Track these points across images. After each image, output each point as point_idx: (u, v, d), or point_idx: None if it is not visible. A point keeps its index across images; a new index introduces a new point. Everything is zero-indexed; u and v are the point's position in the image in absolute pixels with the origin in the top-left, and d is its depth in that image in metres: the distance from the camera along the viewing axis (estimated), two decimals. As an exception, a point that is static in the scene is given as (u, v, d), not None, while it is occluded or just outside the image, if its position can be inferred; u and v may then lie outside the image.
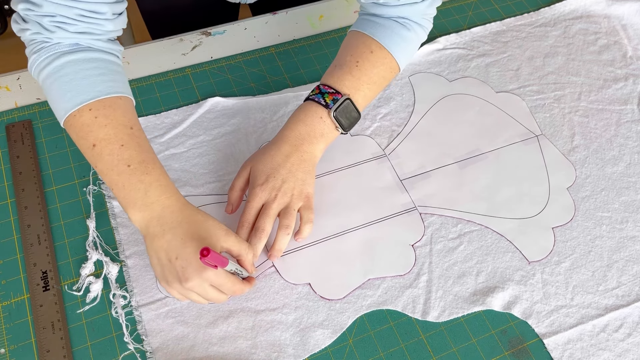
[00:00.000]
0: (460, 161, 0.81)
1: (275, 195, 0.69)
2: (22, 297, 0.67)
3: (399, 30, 0.76)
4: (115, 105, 0.64)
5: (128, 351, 0.64)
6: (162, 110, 0.84)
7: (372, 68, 0.75)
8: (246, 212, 0.69)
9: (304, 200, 0.71)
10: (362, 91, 0.75)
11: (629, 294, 0.71)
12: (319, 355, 0.66)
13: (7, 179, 0.76)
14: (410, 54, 0.79)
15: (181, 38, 0.93)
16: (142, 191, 0.61)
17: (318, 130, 0.73)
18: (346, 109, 0.73)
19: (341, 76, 0.74)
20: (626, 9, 1.01)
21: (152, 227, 0.61)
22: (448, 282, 0.71)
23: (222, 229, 0.63)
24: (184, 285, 0.60)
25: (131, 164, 0.62)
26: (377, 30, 0.76)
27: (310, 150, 0.73)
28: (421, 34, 0.79)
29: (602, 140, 0.85)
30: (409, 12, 0.76)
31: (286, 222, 0.69)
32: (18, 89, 0.85)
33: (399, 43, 0.76)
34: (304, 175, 0.71)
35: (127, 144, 0.62)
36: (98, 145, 0.62)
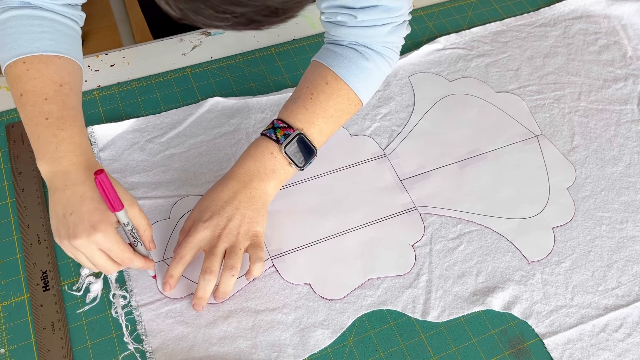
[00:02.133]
0: (460, 161, 0.81)
1: (219, 234, 0.66)
2: (22, 297, 0.67)
3: (356, 60, 0.72)
4: (49, 62, 0.65)
5: (128, 351, 0.64)
6: (162, 110, 0.84)
7: (328, 100, 0.71)
8: (183, 245, 0.66)
9: (252, 239, 0.68)
10: (317, 125, 0.71)
11: (628, 294, 0.71)
12: (319, 355, 0.66)
13: (7, 179, 0.76)
14: (371, 86, 0.75)
15: (181, 38, 0.93)
16: (54, 145, 0.62)
17: (269, 167, 0.69)
18: (299, 145, 0.70)
19: (295, 110, 0.71)
20: (626, 9, 1.01)
21: (56, 181, 0.61)
22: (448, 282, 0.71)
23: (127, 199, 0.62)
24: (72, 243, 0.59)
25: (49, 117, 0.62)
26: (335, 60, 0.72)
27: (260, 187, 0.69)
28: (382, 65, 0.74)
29: (602, 140, 0.85)
30: (368, 36, 0.72)
31: (231, 262, 0.65)
32: (18, 89, 0.85)
33: (357, 73, 0.72)
34: (252, 213, 0.68)
35: (50, 99, 0.63)
36: (24, 95, 0.64)
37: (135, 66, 0.89)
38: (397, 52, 0.76)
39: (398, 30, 0.73)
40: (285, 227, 0.74)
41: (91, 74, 0.87)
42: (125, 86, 0.86)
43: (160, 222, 0.73)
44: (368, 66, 0.73)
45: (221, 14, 0.42)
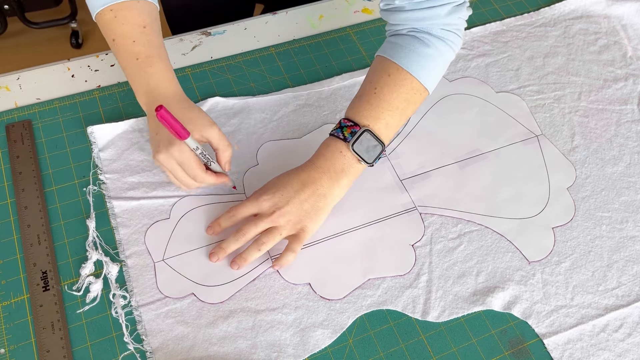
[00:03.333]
0: (460, 161, 0.81)
1: (273, 211, 0.69)
2: (22, 297, 0.67)
3: (416, 48, 0.72)
4: (131, 7, 0.72)
5: (128, 351, 0.64)
6: (162, 110, 0.84)
7: (391, 93, 0.71)
8: (238, 206, 0.71)
9: (298, 231, 0.70)
10: (383, 119, 0.71)
11: (629, 294, 0.71)
12: (319, 355, 0.66)
13: (7, 179, 0.76)
14: (435, 72, 0.73)
15: (181, 38, 0.93)
16: (146, 80, 0.72)
17: (339, 165, 0.71)
18: (366, 141, 0.70)
19: (360, 107, 0.72)
20: (626, 9, 1.01)
21: (150, 107, 0.72)
22: (448, 282, 0.71)
23: (208, 120, 0.71)
24: (156, 157, 0.69)
25: (139, 57, 0.72)
26: (395, 51, 0.72)
27: (328, 186, 0.71)
28: (444, 50, 0.73)
29: (602, 140, 0.85)
30: (427, 19, 0.71)
31: (264, 239, 0.69)
32: (18, 89, 0.85)
33: (418, 61, 0.71)
34: (311, 208, 0.70)
35: (138, 40, 0.72)
36: (116, 40, 0.73)
37: (135, 66, 0.89)
38: (459, 35, 0.74)
39: (457, 11, 0.71)
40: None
41: (91, 74, 0.87)
42: (125, 86, 0.86)
43: (160, 222, 0.73)
44: (429, 52, 0.72)
45: None
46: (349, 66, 0.91)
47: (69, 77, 0.87)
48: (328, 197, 0.71)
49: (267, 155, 0.80)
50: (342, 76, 0.89)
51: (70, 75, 0.87)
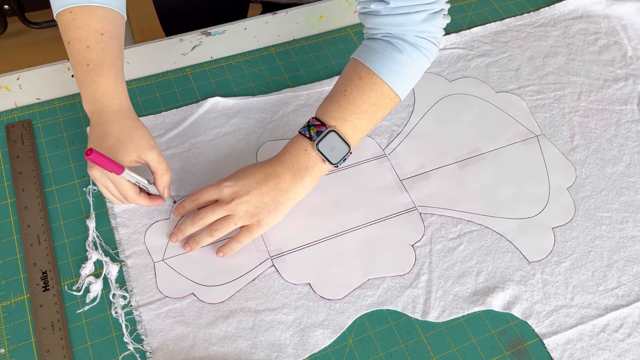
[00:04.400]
0: (460, 161, 0.81)
1: (232, 199, 0.69)
2: (22, 297, 0.67)
3: (389, 53, 0.71)
4: (92, 12, 0.70)
5: (128, 351, 0.64)
6: (162, 110, 0.84)
7: (361, 96, 0.71)
8: (202, 192, 0.71)
9: (253, 223, 0.70)
10: (351, 122, 0.71)
11: (629, 294, 0.71)
12: (319, 355, 0.66)
13: (7, 179, 0.76)
14: (407, 79, 0.72)
15: (181, 38, 0.93)
16: (92, 89, 0.69)
17: (302, 163, 0.71)
18: (331, 142, 0.70)
19: (329, 107, 0.72)
20: (626, 9, 1.01)
21: (93, 119, 0.70)
22: (448, 282, 0.71)
23: (148, 142, 0.69)
24: (90, 172, 0.68)
25: (90, 64, 0.69)
26: (368, 55, 0.72)
27: (290, 182, 0.71)
28: (417, 57, 0.72)
29: (602, 140, 0.85)
30: (401, 25, 0.70)
31: (217, 226, 0.70)
32: (18, 89, 0.85)
33: (390, 66, 0.70)
34: (271, 202, 0.70)
35: (92, 47, 0.70)
36: (70, 43, 0.71)
37: (135, 66, 0.89)
38: (434, 44, 0.72)
39: (433, 19, 0.70)
40: (285, 227, 0.74)
41: (91, 74, 0.87)
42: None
43: (160, 222, 0.73)
44: (401, 58, 0.71)
45: None
46: (349, 66, 0.91)
47: (69, 77, 0.87)
48: (289, 193, 0.71)
49: (267, 155, 0.80)
50: (342, 76, 0.89)
51: (70, 75, 0.87)
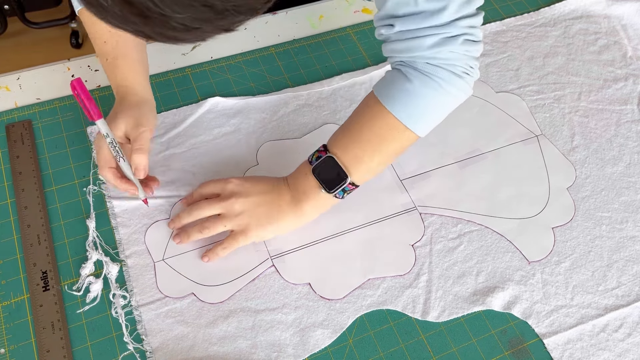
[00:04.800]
0: (460, 161, 0.81)
1: (231, 196, 0.69)
2: (22, 297, 0.67)
3: (397, 82, 0.65)
4: None
5: (128, 351, 0.64)
6: (162, 110, 0.84)
7: (366, 125, 0.67)
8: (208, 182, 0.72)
9: (239, 231, 0.69)
10: (352, 151, 0.67)
11: (628, 294, 0.71)
12: (319, 355, 0.66)
13: (7, 179, 0.76)
14: (416, 110, 0.65)
15: (181, 38, 0.93)
16: (113, 80, 0.75)
17: (301, 187, 0.69)
18: (328, 168, 0.68)
19: (336, 134, 0.70)
20: (626, 9, 1.01)
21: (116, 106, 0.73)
22: (448, 282, 0.71)
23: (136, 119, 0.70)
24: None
25: (108, 58, 0.75)
26: (380, 84, 0.68)
27: (289, 204, 0.70)
28: (428, 86, 0.64)
29: (602, 140, 0.85)
30: (408, 50, 0.64)
31: (208, 224, 0.70)
32: (18, 89, 0.85)
33: (396, 96, 0.65)
34: (264, 215, 0.69)
35: (108, 41, 0.74)
36: (92, 38, 0.76)
37: (135, 66, 0.89)
38: (453, 72, 0.64)
39: (447, 44, 0.62)
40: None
41: (91, 74, 0.87)
42: (125, 86, 0.86)
43: (160, 222, 0.73)
44: (408, 88, 0.64)
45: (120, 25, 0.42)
46: (349, 66, 0.91)
47: (69, 77, 0.87)
48: (287, 215, 0.70)
49: (267, 155, 0.80)
50: (342, 76, 0.89)
51: (70, 75, 0.87)
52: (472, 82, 0.67)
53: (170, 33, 0.41)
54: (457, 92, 0.66)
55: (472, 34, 0.63)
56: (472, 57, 0.65)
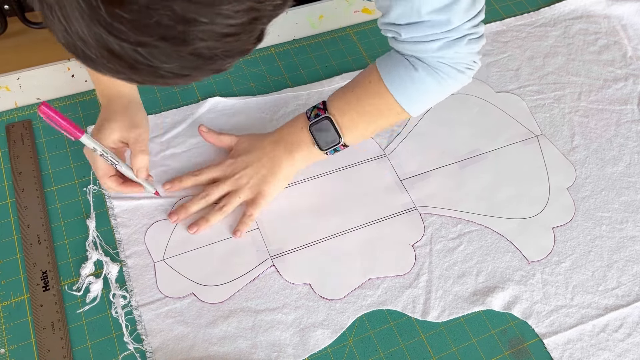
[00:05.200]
0: (460, 161, 0.81)
1: (234, 174, 0.73)
2: (22, 297, 0.67)
3: (404, 68, 0.68)
4: None
5: (128, 351, 0.64)
6: (162, 110, 0.84)
7: (365, 97, 0.71)
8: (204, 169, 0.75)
9: (255, 195, 0.73)
10: (349, 116, 0.71)
11: (629, 294, 0.71)
12: (319, 355, 0.66)
13: (7, 179, 0.76)
14: (416, 97, 0.69)
15: (181, 38, 0.93)
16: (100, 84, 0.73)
17: (296, 139, 0.73)
18: (324, 128, 0.72)
19: (335, 97, 0.73)
20: (626, 9, 1.01)
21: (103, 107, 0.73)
22: (448, 282, 0.71)
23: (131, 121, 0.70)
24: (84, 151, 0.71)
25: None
26: (384, 62, 0.70)
27: (283, 154, 0.73)
28: (432, 78, 0.68)
29: (602, 140, 0.85)
30: (417, 51, 0.67)
31: (225, 201, 0.72)
32: (18, 89, 0.85)
33: (400, 80, 0.68)
34: (268, 173, 0.73)
35: None
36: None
37: (135, 66, 0.89)
38: (457, 69, 0.68)
39: (453, 46, 0.65)
40: (285, 227, 0.74)
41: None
42: (125, 86, 0.86)
43: (160, 222, 0.73)
44: (413, 75, 0.68)
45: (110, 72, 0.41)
46: (349, 66, 0.91)
47: (69, 77, 0.87)
48: (283, 163, 0.73)
49: (267, 155, 0.80)
50: (342, 76, 0.89)
51: (70, 75, 0.87)
52: (473, 73, 0.70)
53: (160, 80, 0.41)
54: (456, 84, 0.70)
55: (475, 33, 0.66)
56: (475, 53, 0.68)
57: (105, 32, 0.36)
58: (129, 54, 0.37)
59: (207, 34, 0.37)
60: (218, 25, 0.37)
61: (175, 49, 0.37)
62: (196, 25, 0.36)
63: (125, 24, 0.35)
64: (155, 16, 0.35)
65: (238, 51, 0.42)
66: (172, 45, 0.37)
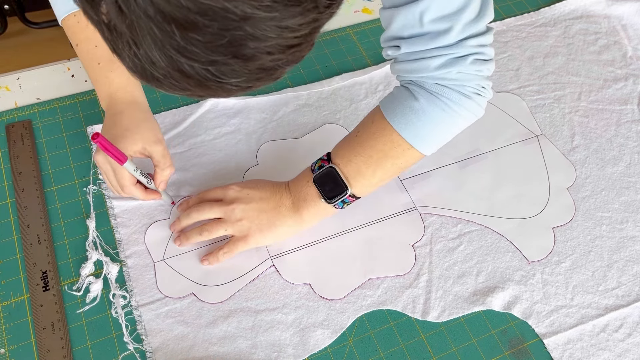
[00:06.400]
0: (460, 161, 0.81)
1: (233, 202, 0.70)
2: (22, 297, 0.67)
3: (404, 99, 0.64)
4: None
5: (128, 351, 0.64)
6: (162, 110, 0.84)
7: (369, 139, 0.66)
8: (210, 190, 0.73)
9: (239, 236, 0.70)
10: (355, 164, 0.67)
11: (629, 294, 0.71)
12: (319, 355, 0.66)
13: (7, 179, 0.76)
14: (421, 129, 0.64)
15: (181, 38, 0.93)
16: (107, 85, 0.72)
17: (302, 195, 0.69)
18: (329, 179, 0.67)
19: (339, 145, 0.69)
20: (626, 9, 1.01)
21: (108, 112, 0.72)
22: (448, 282, 0.71)
23: (156, 135, 0.70)
24: (95, 157, 0.70)
25: (100, 62, 0.72)
26: (386, 101, 0.66)
27: (290, 210, 0.70)
28: (435, 106, 0.62)
29: (602, 140, 0.85)
30: (416, 71, 0.62)
31: (209, 227, 0.70)
32: (18, 89, 0.85)
33: (401, 113, 0.64)
34: (267, 222, 0.69)
35: (100, 45, 0.71)
36: (79, 45, 0.73)
37: (135, 66, 0.89)
38: (461, 93, 0.62)
39: (455, 64, 0.60)
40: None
41: (91, 74, 0.87)
42: (125, 86, 0.86)
43: (160, 222, 0.73)
44: (415, 106, 0.63)
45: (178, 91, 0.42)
46: (349, 66, 0.91)
47: (69, 77, 0.87)
48: (287, 220, 0.70)
49: (267, 155, 0.80)
50: (342, 76, 0.89)
51: (70, 75, 0.87)
52: (484, 102, 0.64)
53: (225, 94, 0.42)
54: (466, 113, 0.64)
55: (482, 53, 0.61)
56: (483, 77, 0.63)
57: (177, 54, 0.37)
58: (199, 72, 0.38)
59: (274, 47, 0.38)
60: (285, 39, 0.38)
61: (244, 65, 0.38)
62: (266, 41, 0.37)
63: (199, 46, 0.36)
64: (228, 36, 0.36)
65: (297, 59, 0.42)
66: (242, 62, 0.38)
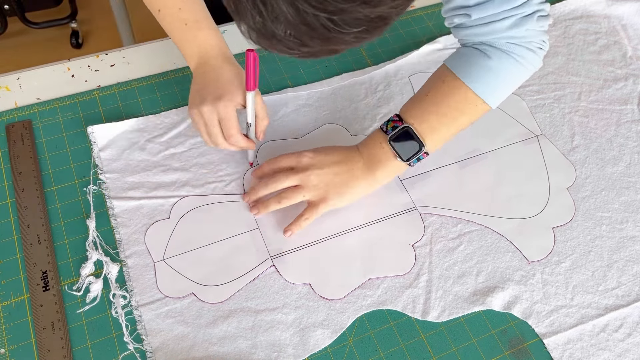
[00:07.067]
0: (460, 161, 0.81)
1: (307, 169, 0.72)
2: (22, 297, 0.67)
3: (477, 58, 0.69)
4: None
5: (128, 351, 0.64)
6: (162, 110, 0.84)
7: (443, 98, 0.70)
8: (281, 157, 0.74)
9: (318, 200, 0.72)
10: (429, 122, 0.70)
11: (629, 294, 0.71)
12: (319, 355, 0.66)
13: (7, 179, 0.76)
14: (496, 85, 0.69)
15: (181, 38, 0.93)
16: (197, 44, 0.74)
17: (376, 156, 0.72)
18: (405, 138, 0.71)
19: (409, 106, 0.72)
20: (626, 9, 1.01)
21: (199, 69, 0.74)
22: (448, 282, 0.71)
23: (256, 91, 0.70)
24: (199, 108, 0.70)
25: (187, 22, 0.74)
26: (454, 60, 0.71)
27: (363, 171, 0.72)
28: (508, 63, 0.68)
29: (602, 140, 0.85)
30: (487, 34, 0.67)
31: (287, 194, 0.72)
32: (18, 89, 0.85)
33: (476, 71, 0.69)
34: (341, 183, 0.72)
35: (183, 8, 0.74)
36: (162, 10, 0.75)
37: (135, 66, 0.89)
38: (529, 48, 0.68)
39: (524, 23, 0.66)
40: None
41: (91, 74, 0.87)
42: (125, 86, 0.86)
43: (160, 222, 0.73)
44: (489, 64, 0.68)
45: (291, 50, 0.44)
46: (349, 66, 0.91)
47: (69, 77, 0.87)
48: (360, 181, 0.72)
49: (267, 155, 0.80)
50: (342, 76, 0.89)
51: (70, 75, 0.87)
52: (543, 55, 0.70)
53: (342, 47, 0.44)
54: (531, 67, 0.70)
55: (543, 10, 0.67)
56: (544, 32, 0.69)
57: (305, 4, 0.38)
58: (323, 24, 0.40)
59: None
60: None
61: (370, 11, 0.40)
62: None
63: None
64: None
65: (405, 8, 0.44)
66: (369, 8, 0.39)
